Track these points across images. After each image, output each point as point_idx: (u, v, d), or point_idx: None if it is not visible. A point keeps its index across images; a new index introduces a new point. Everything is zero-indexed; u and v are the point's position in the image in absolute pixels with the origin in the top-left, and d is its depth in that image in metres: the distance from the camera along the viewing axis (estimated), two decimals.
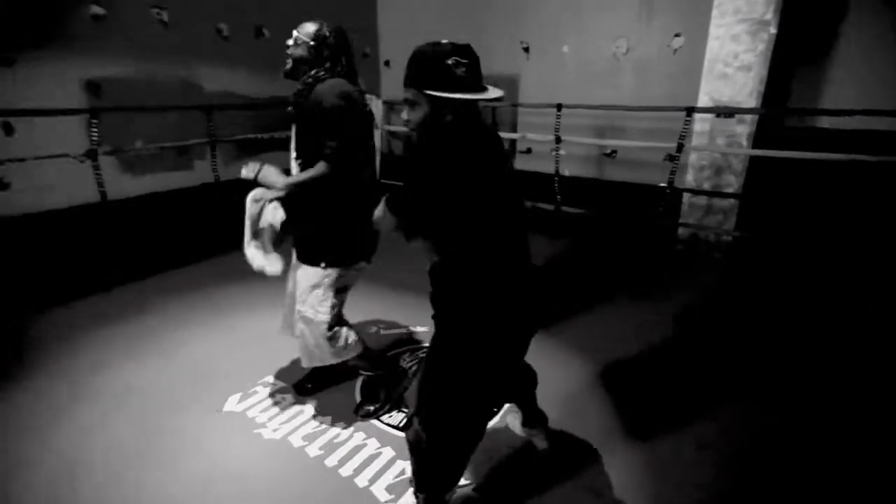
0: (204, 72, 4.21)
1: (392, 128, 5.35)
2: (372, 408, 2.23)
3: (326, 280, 1.93)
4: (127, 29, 3.71)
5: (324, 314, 1.95)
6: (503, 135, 4.83)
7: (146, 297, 3.26)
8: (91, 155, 3.19)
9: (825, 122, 4.31)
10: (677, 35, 4.18)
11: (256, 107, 4.59)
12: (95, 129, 3.19)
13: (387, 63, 5.86)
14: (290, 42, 1.86)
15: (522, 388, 1.84)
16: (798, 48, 4.25)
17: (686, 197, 4.28)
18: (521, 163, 5.19)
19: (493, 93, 1.28)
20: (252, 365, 2.55)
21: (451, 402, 1.39)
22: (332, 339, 2.00)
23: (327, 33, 1.85)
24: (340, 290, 2.01)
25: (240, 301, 3.25)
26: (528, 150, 5.13)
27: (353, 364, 2.19)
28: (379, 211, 1.35)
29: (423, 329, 2.93)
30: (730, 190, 4.11)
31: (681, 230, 4.35)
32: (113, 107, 3.55)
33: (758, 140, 4.06)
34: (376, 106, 5.12)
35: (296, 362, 2.55)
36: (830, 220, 3.83)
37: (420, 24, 5.47)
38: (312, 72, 1.84)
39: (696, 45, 4.03)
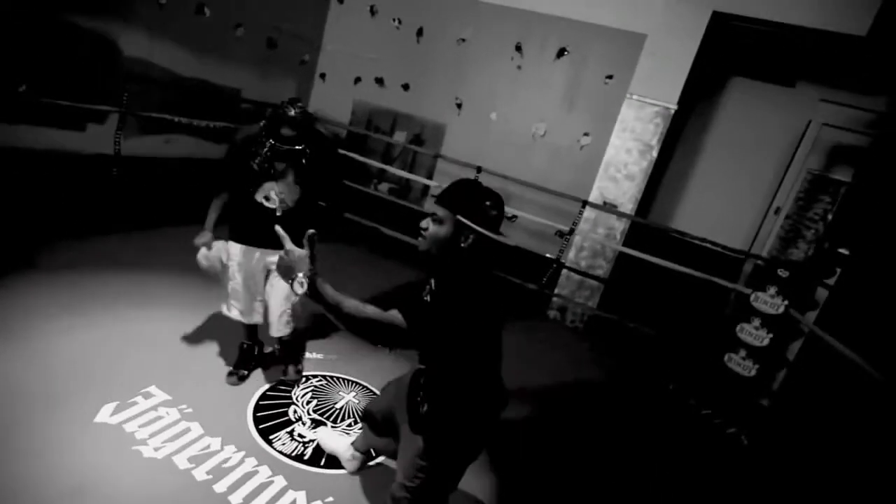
0: (124, 32, 3.84)
1: None
2: (245, 372, 2.59)
3: None
4: None
5: None
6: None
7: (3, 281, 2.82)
8: None
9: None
10: (586, 134, 4.90)
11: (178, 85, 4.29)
12: None
13: (322, 76, 5.84)
14: None
15: None
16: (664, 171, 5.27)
17: (564, 271, 4.94)
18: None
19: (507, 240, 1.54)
20: (134, 371, 2.37)
21: (438, 486, 1.58)
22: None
23: None
24: None
25: (129, 295, 2.97)
26: None
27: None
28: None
29: (319, 356, 2.99)
30: (599, 273, 4.85)
31: (555, 298, 4.98)
32: None
33: (630, 237, 4.89)
34: None
35: (184, 374, 2.46)
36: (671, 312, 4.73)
37: (363, 50, 5.61)
38: None
39: (598, 147, 4.77)
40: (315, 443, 2.25)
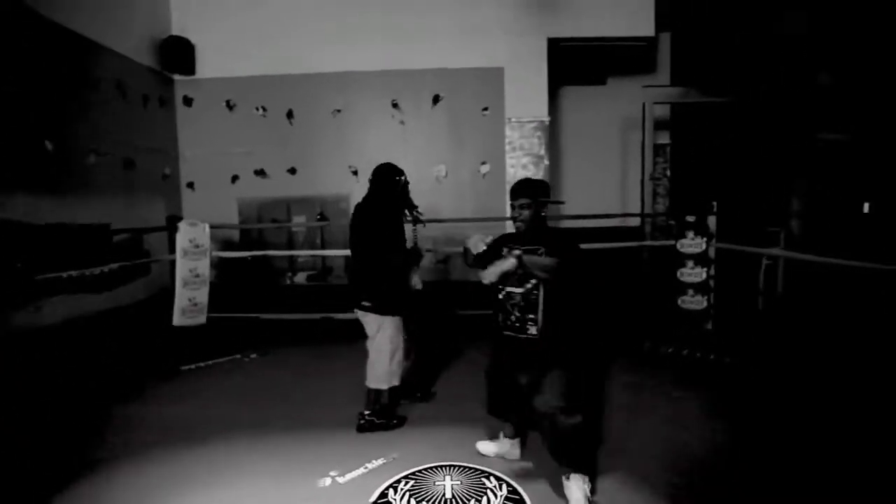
0: None
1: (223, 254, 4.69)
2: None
3: None
4: None
5: None
6: None
7: None
8: None
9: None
10: (483, 163, 5.30)
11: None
12: None
13: (190, 185, 5.21)
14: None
15: None
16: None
17: None
18: None
19: None
20: None
21: (579, 385, 2.12)
22: None
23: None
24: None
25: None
26: None
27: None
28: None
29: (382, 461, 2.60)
30: None
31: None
32: None
33: None
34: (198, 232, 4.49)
35: None
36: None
37: (225, 147, 5.21)
38: None
39: (498, 171, 5.20)
40: None
